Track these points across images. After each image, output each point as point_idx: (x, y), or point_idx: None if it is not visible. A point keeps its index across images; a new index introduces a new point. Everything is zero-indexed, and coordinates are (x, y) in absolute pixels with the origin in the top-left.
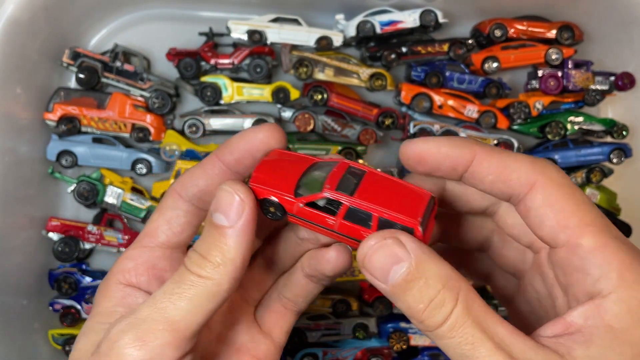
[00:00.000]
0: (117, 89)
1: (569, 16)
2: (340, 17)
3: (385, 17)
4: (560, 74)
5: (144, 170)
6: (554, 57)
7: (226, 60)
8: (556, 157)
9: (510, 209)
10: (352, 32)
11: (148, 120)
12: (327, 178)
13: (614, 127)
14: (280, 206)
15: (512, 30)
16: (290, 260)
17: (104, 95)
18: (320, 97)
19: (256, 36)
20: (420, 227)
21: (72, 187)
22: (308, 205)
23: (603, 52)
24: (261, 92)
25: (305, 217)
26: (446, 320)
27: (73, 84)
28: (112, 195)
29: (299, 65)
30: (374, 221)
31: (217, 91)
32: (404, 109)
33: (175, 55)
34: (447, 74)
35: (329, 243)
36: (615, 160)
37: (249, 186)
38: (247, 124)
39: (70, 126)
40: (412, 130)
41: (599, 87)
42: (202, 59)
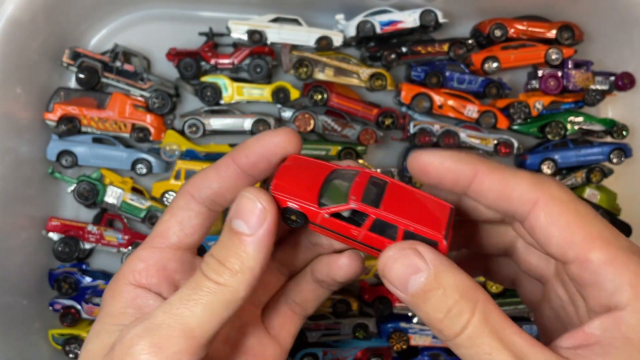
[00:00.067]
0: (117, 89)
1: (569, 16)
2: (340, 17)
3: (385, 17)
4: (560, 74)
5: (144, 170)
6: (554, 57)
7: (226, 60)
8: (556, 157)
9: None
10: (352, 32)
11: (148, 120)
12: (351, 188)
13: (614, 127)
14: (302, 215)
15: (512, 30)
16: (300, 264)
17: (104, 95)
18: (320, 97)
19: (256, 36)
20: (445, 241)
21: (72, 187)
22: (333, 215)
23: (603, 52)
24: (261, 92)
25: (329, 227)
26: (464, 330)
27: (73, 84)
28: (112, 195)
29: (299, 65)
30: (399, 234)
31: (217, 91)
32: (404, 109)
33: (175, 55)
34: (447, 74)
35: (341, 249)
36: (615, 160)
37: (271, 194)
38: (247, 124)
39: (70, 126)
40: (412, 130)
41: (599, 87)
42: (202, 59)
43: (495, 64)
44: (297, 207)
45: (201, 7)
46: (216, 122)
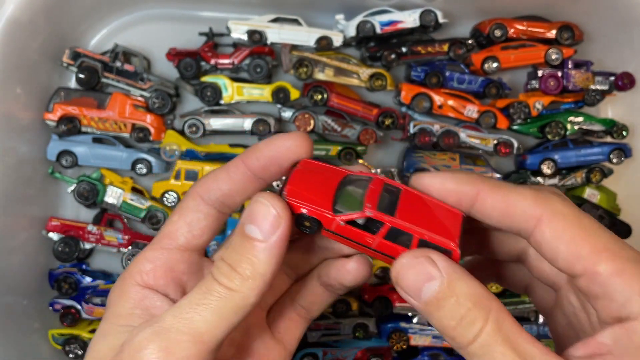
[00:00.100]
0: (117, 89)
1: (569, 16)
2: (340, 17)
3: (385, 17)
4: (560, 74)
5: (144, 170)
6: (553, 57)
7: (226, 60)
8: (556, 157)
9: None
10: (352, 32)
11: (148, 120)
12: (366, 196)
13: (613, 127)
14: (316, 221)
15: (512, 30)
16: (307, 267)
17: (104, 95)
18: (320, 97)
19: (256, 36)
20: (459, 250)
21: (72, 187)
22: (347, 222)
23: (603, 52)
24: (261, 92)
25: (343, 234)
26: (477, 338)
27: (73, 84)
28: (112, 195)
29: (299, 65)
30: (413, 242)
31: (217, 91)
32: (404, 109)
33: (175, 55)
34: (447, 74)
35: (349, 253)
36: (615, 160)
37: (285, 200)
38: (247, 124)
39: (70, 126)
40: (412, 130)
41: (598, 87)
42: (202, 59)
43: (495, 64)
44: (312, 214)
45: (201, 7)
46: (216, 122)
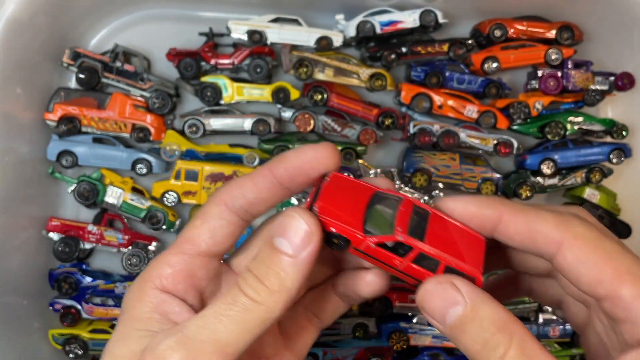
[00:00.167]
0: (117, 89)
1: (569, 16)
2: (340, 17)
3: (385, 17)
4: (560, 74)
5: (144, 170)
6: (553, 57)
7: (226, 61)
8: (556, 157)
9: None
10: (352, 32)
11: (148, 120)
12: (397, 219)
13: (613, 127)
14: (346, 240)
15: (512, 30)
16: (322, 277)
17: (104, 96)
18: (320, 97)
19: (256, 36)
20: (482, 277)
21: (72, 187)
22: (377, 244)
23: (603, 52)
24: (261, 92)
25: (371, 254)
26: None
27: (73, 84)
28: (112, 195)
29: (299, 66)
30: (440, 268)
31: (217, 91)
32: (404, 109)
33: (175, 56)
34: (447, 74)
35: (367, 265)
36: (615, 161)
37: (317, 216)
38: (247, 124)
39: (70, 126)
40: (412, 130)
41: (598, 87)
42: (202, 59)
43: (495, 64)
44: (343, 233)
45: (201, 7)
46: (216, 122)
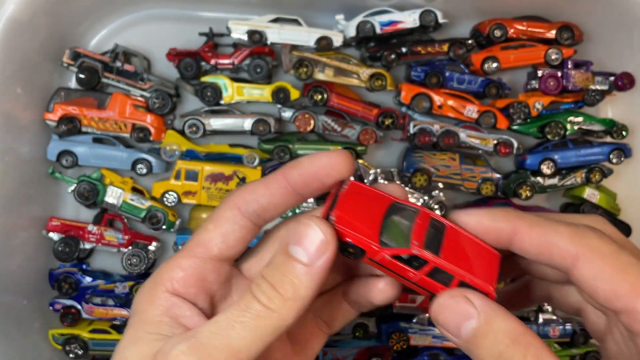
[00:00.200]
0: (117, 89)
1: (569, 16)
2: (340, 17)
3: (385, 18)
4: (560, 74)
5: (144, 170)
6: (553, 57)
7: (226, 61)
8: (556, 157)
9: None
10: (352, 32)
11: (148, 120)
12: (413, 231)
13: (613, 127)
14: (361, 250)
15: (512, 30)
16: (333, 283)
17: (104, 96)
18: (320, 97)
19: (256, 36)
20: (495, 293)
21: (72, 187)
22: (392, 256)
23: (603, 52)
24: (261, 92)
25: (386, 265)
26: None
27: (73, 84)
28: (113, 195)
29: (299, 66)
30: (454, 282)
31: (217, 91)
32: (403, 109)
33: (175, 56)
34: (447, 74)
35: (379, 273)
36: (615, 160)
37: (333, 225)
38: (247, 124)
39: (70, 126)
40: (412, 130)
41: (598, 87)
42: (202, 59)
43: (495, 64)
44: (358, 243)
45: (201, 8)
46: (216, 122)
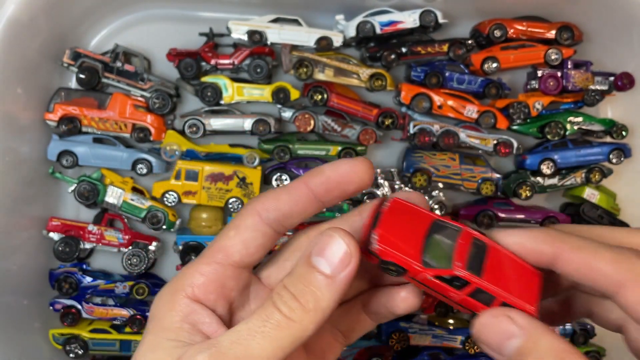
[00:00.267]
0: (117, 89)
1: (569, 16)
2: (340, 17)
3: (385, 18)
4: (559, 74)
5: (145, 170)
6: (553, 57)
7: (226, 61)
8: (556, 157)
9: None
10: (352, 32)
11: (148, 120)
12: (455, 252)
13: (613, 127)
14: (403, 269)
15: (512, 30)
16: (351, 294)
17: (104, 96)
18: (320, 97)
19: (256, 36)
20: (537, 314)
21: (72, 187)
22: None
23: (602, 52)
24: (261, 93)
25: (427, 284)
26: None
27: (74, 84)
28: (113, 195)
29: (299, 66)
30: (495, 303)
31: (217, 91)
32: (403, 109)
33: (175, 56)
34: (447, 74)
35: (399, 282)
36: (614, 161)
37: (377, 246)
38: (247, 124)
39: (70, 126)
40: (411, 130)
41: (598, 87)
42: (202, 60)
43: (494, 64)
44: (401, 264)
45: (201, 8)
46: (216, 122)
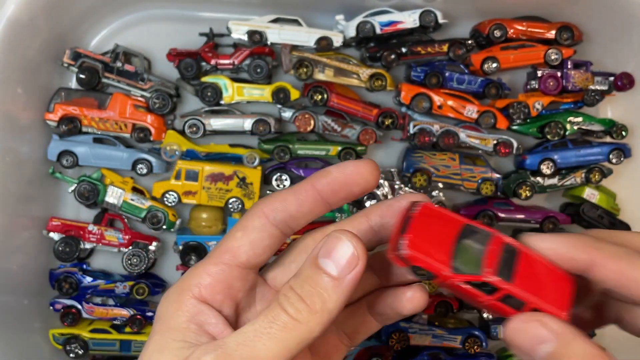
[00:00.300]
0: (117, 90)
1: (569, 16)
2: (340, 17)
3: (385, 18)
4: (559, 74)
5: (145, 171)
6: (553, 57)
7: (226, 61)
8: (555, 157)
9: None
10: (352, 32)
11: (149, 120)
12: (486, 257)
13: (613, 128)
14: (432, 274)
15: (512, 30)
16: (356, 295)
17: (104, 96)
18: (320, 97)
19: (256, 37)
20: (569, 319)
21: (72, 187)
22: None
23: (602, 53)
24: (261, 93)
25: (456, 288)
26: None
27: (74, 84)
28: (113, 195)
29: (299, 66)
30: (526, 308)
31: (217, 91)
32: (403, 109)
33: (175, 56)
34: (447, 74)
35: (406, 281)
36: (614, 161)
37: (407, 251)
38: (247, 124)
39: (71, 126)
40: (411, 130)
41: (598, 87)
42: (202, 60)
43: (494, 65)
44: (431, 269)
45: (201, 8)
46: (216, 122)
